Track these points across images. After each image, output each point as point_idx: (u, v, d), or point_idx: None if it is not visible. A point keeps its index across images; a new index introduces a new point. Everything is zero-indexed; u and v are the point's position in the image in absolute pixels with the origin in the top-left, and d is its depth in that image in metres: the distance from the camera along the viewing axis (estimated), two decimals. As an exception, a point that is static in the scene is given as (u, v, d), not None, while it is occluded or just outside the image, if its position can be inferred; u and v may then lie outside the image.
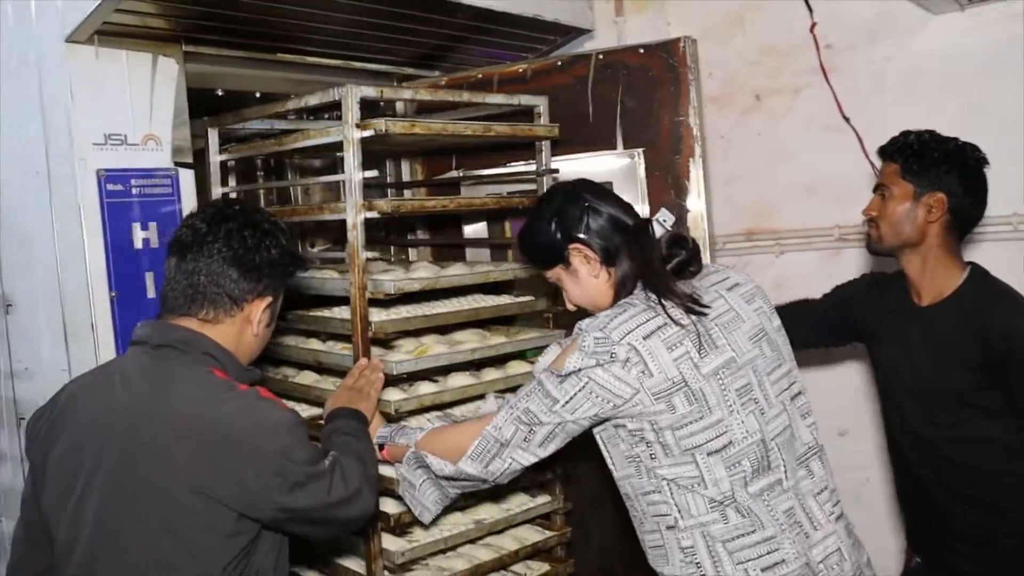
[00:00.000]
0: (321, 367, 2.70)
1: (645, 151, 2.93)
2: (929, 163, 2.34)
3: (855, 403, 3.56)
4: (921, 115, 2.60)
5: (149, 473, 1.73)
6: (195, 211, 1.98)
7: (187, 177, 2.75)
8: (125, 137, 2.62)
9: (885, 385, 2.53)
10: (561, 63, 3.10)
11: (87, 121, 2.55)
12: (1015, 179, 3.14)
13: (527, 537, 2.81)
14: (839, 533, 1.98)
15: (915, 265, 2.39)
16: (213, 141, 2.80)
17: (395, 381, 2.55)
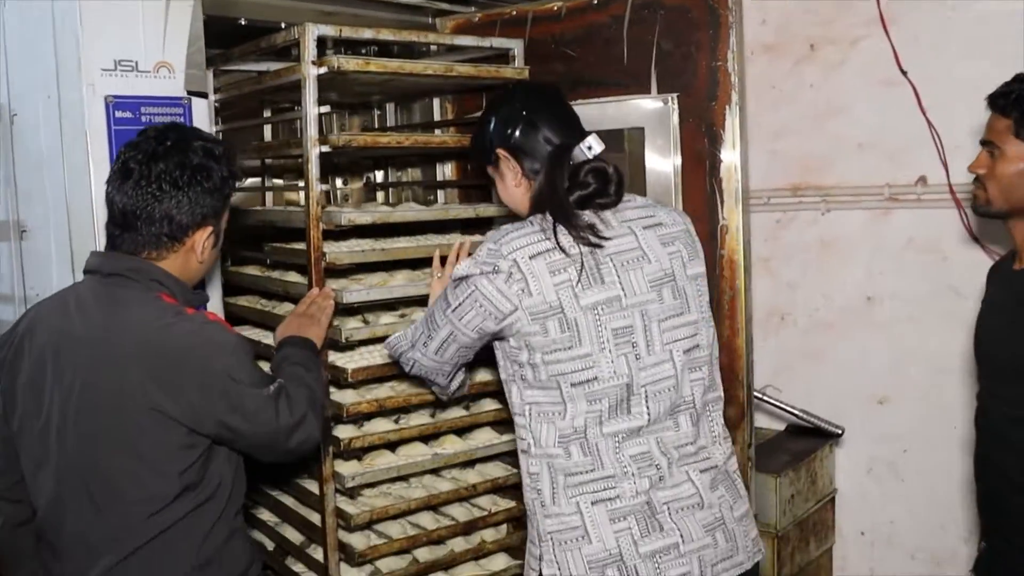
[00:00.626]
0: (288, 296, 2.75)
1: (680, 96, 2.79)
2: None
3: (896, 371, 3.41)
4: (986, 71, 2.38)
5: (106, 394, 1.80)
6: (128, 143, 1.94)
7: (200, 106, 2.67)
8: (136, 63, 2.55)
9: (975, 353, 2.29)
10: (597, 1, 2.95)
11: (96, 46, 2.49)
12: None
13: (493, 474, 2.86)
14: (702, 481, 1.97)
15: (1020, 230, 2.15)
16: (209, 81, 2.76)
17: (354, 313, 2.66)
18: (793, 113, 3.58)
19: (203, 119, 2.69)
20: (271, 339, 2.74)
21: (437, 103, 3.39)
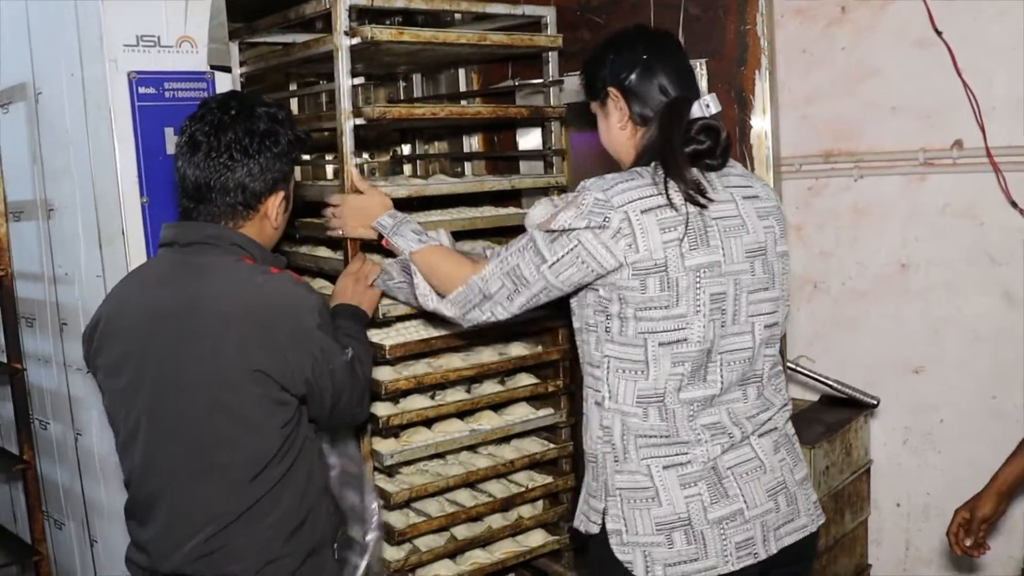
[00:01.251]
0: (321, 272, 2.72)
1: (708, 62, 2.73)
2: None
3: (931, 339, 3.34)
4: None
5: (200, 361, 1.82)
6: (192, 116, 1.94)
7: (224, 81, 2.68)
8: (158, 39, 2.55)
9: None
10: (623, -34, 2.90)
11: (118, 22, 2.50)
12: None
13: (529, 449, 2.83)
14: (763, 446, 1.99)
15: None
16: (234, 53, 2.74)
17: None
18: (824, 77, 3.50)
19: (226, 93, 2.68)
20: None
21: (462, 73, 3.35)
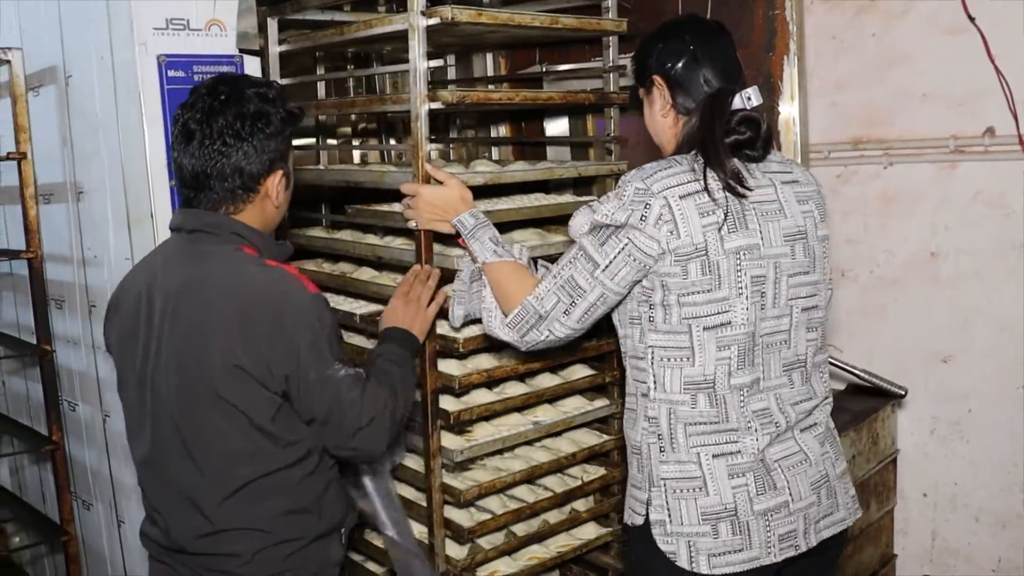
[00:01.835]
0: (380, 262, 2.68)
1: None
2: None
3: (962, 328, 3.31)
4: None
5: (193, 345, 1.84)
6: (184, 104, 1.94)
7: (253, 65, 2.69)
8: (188, 22, 2.56)
9: None
10: (652, -49, 2.89)
11: (148, 5, 2.51)
12: None
13: (584, 440, 2.81)
14: (806, 441, 2.00)
15: None
16: (272, 31, 2.71)
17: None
18: (854, 64, 3.46)
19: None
20: (348, 305, 2.75)
21: (490, 58, 3.34)
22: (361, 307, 2.71)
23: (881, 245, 3.47)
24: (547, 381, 2.73)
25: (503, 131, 3.44)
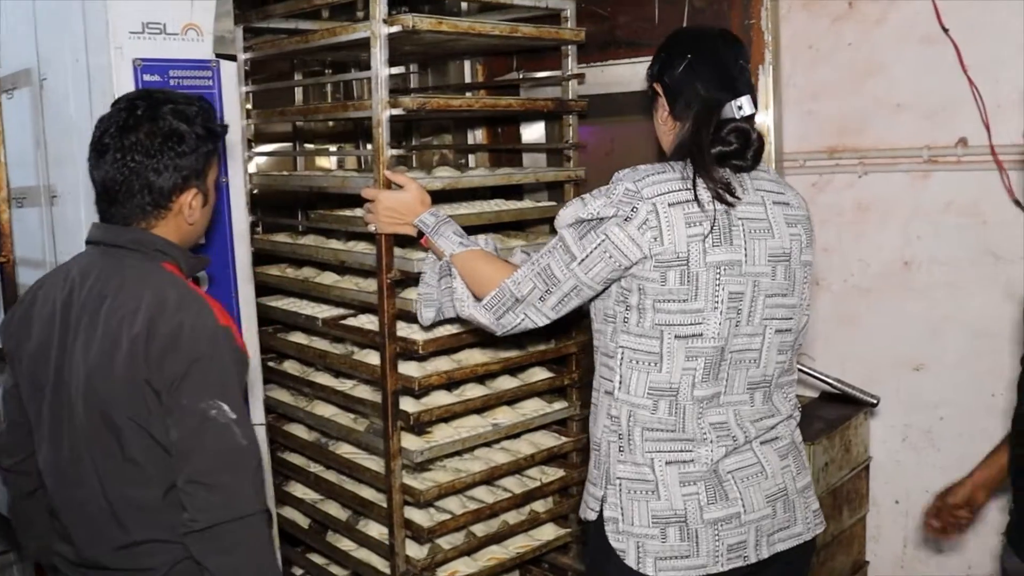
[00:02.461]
0: (343, 267, 2.70)
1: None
2: None
3: (933, 337, 3.34)
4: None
5: (103, 361, 1.80)
6: (104, 117, 1.90)
7: (229, 69, 2.67)
8: (164, 26, 2.55)
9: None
10: (629, -41, 2.91)
11: (124, 8, 2.49)
12: None
13: (542, 442, 2.85)
14: (766, 453, 2.03)
15: None
16: (239, 38, 2.73)
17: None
18: (830, 73, 3.48)
19: (231, 82, 2.69)
20: (310, 310, 2.76)
21: (468, 65, 3.36)
22: (324, 311, 2.75)
23: (855, 254, 3.49)
24: (506, 383, 2.77)
25: (479, 137, 3.45)
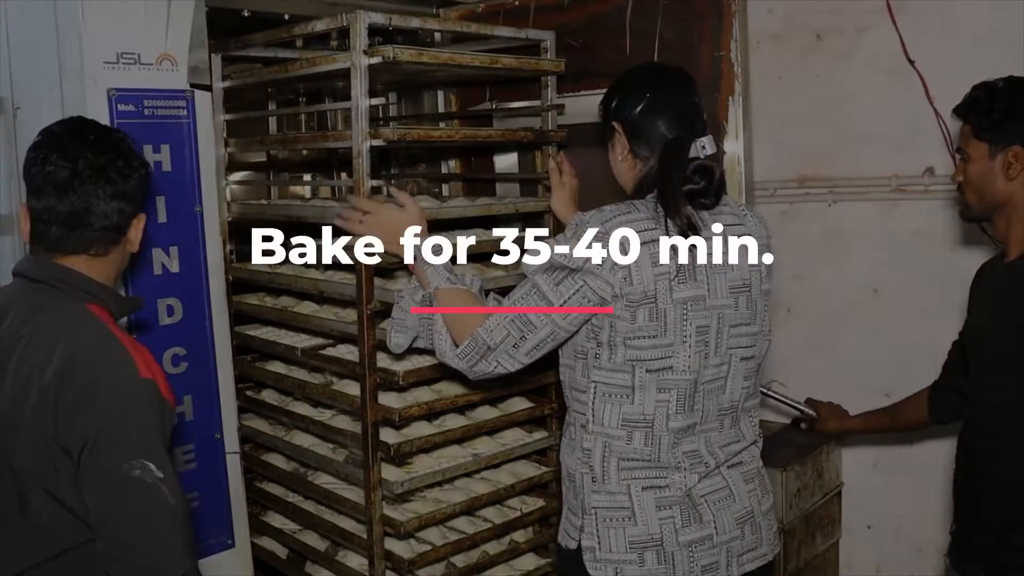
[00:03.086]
0: (322, 296, 2.70)
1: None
2: (1001, 116, 2.13)
3: (903, 364, 3.36)
4: (994, 61, 2.37)
5: (8, 409, 1.71)
6: (39, 143, 1.85)
7: (203, 99, 2.68)
8: (138, 56, 2.55)
9: (963, 343, 2.41)
10: (599, -9, 2.95)
11: (99, 38, 2.49)
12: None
13: (523, 472, 2.84)
14: (733, 478, 2.06)
15: (1001, 226, 2.22)
16: (216, 66, 2.76)
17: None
18: (799, 104, 3.54)
19: (206, 112, 2.70)
20: (289, 339, 2.76)
21: (441, 95, 3.39)
22: (303, 340, 2.74)
23: (825, 282, 3.54)
24: (486, 414, 2.77)
25: (453, 167, 3.47)
